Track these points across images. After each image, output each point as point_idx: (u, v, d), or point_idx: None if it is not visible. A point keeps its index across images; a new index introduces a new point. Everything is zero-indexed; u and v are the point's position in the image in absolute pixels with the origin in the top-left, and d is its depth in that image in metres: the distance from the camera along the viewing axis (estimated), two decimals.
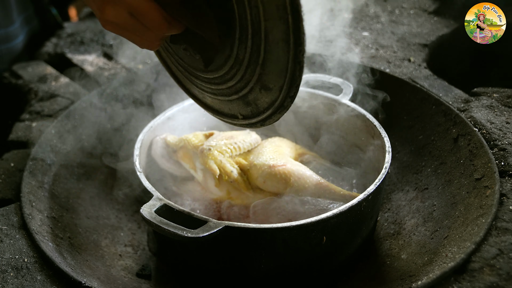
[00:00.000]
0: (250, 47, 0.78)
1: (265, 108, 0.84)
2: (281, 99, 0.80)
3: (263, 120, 0.86)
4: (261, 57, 0.78)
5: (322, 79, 1.36)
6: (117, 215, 1.31)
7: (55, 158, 1.29)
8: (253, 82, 0.82)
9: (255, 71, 0.80)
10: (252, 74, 0.81)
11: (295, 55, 0.73)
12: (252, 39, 0.77)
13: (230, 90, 0.87)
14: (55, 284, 0.93)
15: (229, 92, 0.88)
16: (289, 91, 0.78)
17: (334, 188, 1.10)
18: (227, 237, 0.91)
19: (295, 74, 0.75)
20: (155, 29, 0.80)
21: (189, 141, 1.19)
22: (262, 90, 0.82)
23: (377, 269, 1.12)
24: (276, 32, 0.73)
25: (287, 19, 0.69)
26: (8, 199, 1.14)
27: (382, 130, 1.15)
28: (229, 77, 0.85)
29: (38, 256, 0.99)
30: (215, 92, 0.92)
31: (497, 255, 0.90)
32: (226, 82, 0.87)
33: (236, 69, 0.83)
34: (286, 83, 0.77)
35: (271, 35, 0.74)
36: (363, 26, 1.86)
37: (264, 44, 0.76)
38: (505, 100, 1.32)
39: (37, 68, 1.62)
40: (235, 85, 0.85)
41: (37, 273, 0.95)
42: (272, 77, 0.79)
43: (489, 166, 1.09)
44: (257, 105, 0.85)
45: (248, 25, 0.75)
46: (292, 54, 0.73)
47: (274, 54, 0.76)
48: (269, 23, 0.72)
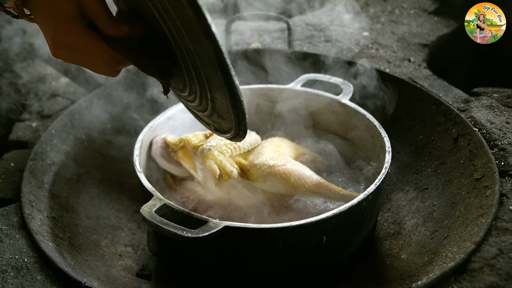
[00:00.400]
0: (197, 84, 0.83)
1: (227, 131, 0.89)
2: (235, 129, 0.85)
3: (231, 139, 0.91)
4: (209, 94, 0.82)
5: (322, 79, 1.36)
6: (117, 215, 1.31)
7: (55, 158, 1.29)
8: (210, 110, 0.87)
9: (208, 103, 0.85)
10: (207, 105, 0.86)
11: (233, 103, 0.77)
12: (197, 79, 0.81)
13: (198, 108, 0.92)
14: (55, 284, 0.93)
15: (198, 109, 0.93)
16: (239, 126, 0.83)
17: (334, 188, 1.10)
18: (227, 237, 0.91)
19: (239, 116, 0.80)
20: (104, 66, 0.85)
21: (189, 141, 1.19)
22: (219, 118, 0.87)
23: (377, 269, 1.12)
24: (214, 79, 0.76)
25: (218, 72, 0.73)
26: (8, 199, 1.14)
27: (382, 130, 1.15)
28: (192, 99, 0.90)
29: (38, 256, 0.99)
30: (192, 107, 0.97)
31: (497, 255, 0.90)
32: (193, 102, 0.92)
33: (194, 96, 0.88)
34: (234, 120, 0.82)
35: (211, 81, 0.78)
36: (363, 26, 1.86)
37: (207, 85, 0.80)
38: (505, 100, 1.32)
39: (37, 68, 1.62)
40: (199, 106, 0.90)
41: (37, 273, 0.95)
42: (223, 111, 0.84)
43: (489, 166, 1.09)
44: (220, 126, 0.91)
45: (190, 68, 0.80)
46: (231, 102, 0.77)
47: (218, 95, 0.80)
48: (206, 70, 0.76)
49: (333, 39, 1.76)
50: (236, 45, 1.73)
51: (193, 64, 0.78)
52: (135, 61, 0.83)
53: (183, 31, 0.73)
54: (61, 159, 1.30)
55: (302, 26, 1.89)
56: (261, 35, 1.82)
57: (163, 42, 0.81)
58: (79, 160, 1.34)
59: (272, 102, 1.37)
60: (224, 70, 0.72)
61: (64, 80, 1.57)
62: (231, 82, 0.74)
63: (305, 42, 1.76)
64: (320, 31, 1.84)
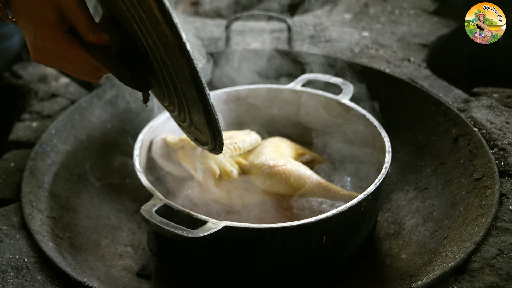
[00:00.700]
0: (175, 97, 0.83)
1: (205, 143, 0.91)
2: (211, 144, 0.87)
3: (210, 151, 0.93)
4: (186, 108, 0.83)
5: (322, 79, 1.36)
6: (117, 215, 1.31)
7: (55, 158, 1.29)
8: (188, 122, 0.89)
9: (186, 116, 0.87)
10: (185, 117, 0.88)
11: (208, 121, 0.79)
12: (175, 92, 0.82)
13: (178, 119, 0.93)
14: (55, 284, 0.93)
15: (179, 119, 0.94)
16: (215, 142, 0.85)
17: (334, 188, 1.10)
18: (227, 237, 0.91)
19: (214, 133, 0.82)
20: (84, 73, 0.86)
21: (189, 141, 1.19)
22: (198, 131, 0.89)
23: (377, 269, 1.12)
24: (189, 95, 0.77)
25: (193, 89, 0.74)
26: (8, 199, 1.14)
27: (382, 130, 1.15)
28: (172, 109, 0.91)
29: (38, 256, 0.99)
30: (173, 116, 0.97)
31: (497, 255, 0.90)
32: (173, 112, 0.93)
33: (173, 107, 0.89)
34: (210, 137, 0.84)
35: (187, 96, 0.79)
36: (363, 26, 1.86)
37: (185, 99, 0.81)
38: (505, 100, 1.32)
39: (37, 68, 1.62)
40: (179, 117, 0.91)
41: (37, 273, 0.95)
42: (200, 125, 0.85)
43: (489, 166, 1.09)
44: (199, 138, 0.92)
45: (168, 81, 0.80)
46: (206, 119, 0.78)
47: (194, 111, 0.81)
48: (183, 86, 0.77)
49: (333, 39, 1.76)
50: (236, 45, 1.73)
51: (170, 78, 0.78)
52: (112, 70, 0.83)
53: (160, 45, 0.73)
54: (61, 159, 1.30)
55: (302, 26, 1.89)
56: (261, 35, 1.82)
57: (141, 53, 0.81)
58: (79, 160, 1.34)
59: (272, 102, 1.37)
60: (198, 88, 0.73)
61: (64, 80, 1.57)
62: (206, 101, 0.75)
63: (305, 42, 1.76)
64: (320, 31, 1.84)
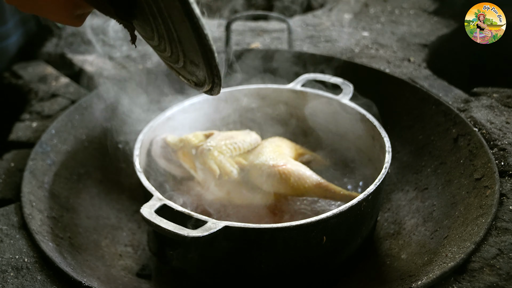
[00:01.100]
0: (162, 24, 0.76)
1: (204, 81, 0.81)
2: (209, 75, 0.77)
3: (210, 91, 0.83)
4: (175, 34, 0.76)
5: (322, 79, 1.36)
6: (117, 215, 1.31)
7: (55, 158, 1.29)
8: (182, 56, 0.80)
9: (177, 46, 0.78)
10: (177, 49, 0.79)
11: (198, 39, 0.70)
12: (160, 17, 0.75)
13: (172, 59, 0.85)
14: (55, 284, 0.93)
15: (172, 60, 0.86)
16: (211, 70, 0.75)
17: (334, 188, 1.10)
18: (227, 237, 0.91)
19: (207, 55, 0.72)
20: (61, 11, 0.79)
21: (189, 141, 1.19)
22: (193, 64, 0.80)
23: (377, 269, 1.12)
24: (175, 12, 0.70)
25: (186, 20, 0.67)
26: (8, 199, 1.14)
27: (382, 130, 1.15)
28: (163, 48, 0.83)
29: (38, 256, 0.99)
30: (166, 59, 0.89)
31: (497, 255, 0.90)
32: (164, 52, 0.85)
33: (164, 42, 0.81)
34: (204, 63, 0.75)
35: (173, 15, 0.72)
36: (363, 26, 1.86)
37: (172, 23, 0.74)
38: (505, 100, 1.32)
39: (37, 68, 1.62)
40: (171, 56, 0.83)
41: (37, 273, 0.95)
42: (193, 54, 0.76)
43: (489, 166, 1.09)
44: (197, 76, 0.83)
45: (152, 5, 0.73)
46: (195, 38, 0.70)
47: (183, 33, 0.74)
48: (165, 2, 0.70)
49: (333, 39, 1.76)
50: (236, 45, 1.73)
51: (158, 9, 0.72)
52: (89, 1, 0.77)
53: None
54: (61, 159, 1.30)
55: (302, 26, 1.89)
56: (261, 35, 1.82)
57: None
58: (79, 160, 1.34)
59: (272, 102, 1.37)
60: (191, 18, 0.66)
61: (64, 80, 1.57)
62: (191, 11, 0.66)
63: (305, 42, 1.76)
64: (320, 31, 1.84)
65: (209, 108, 1.34)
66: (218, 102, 1.35)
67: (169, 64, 0.91)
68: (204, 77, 0.80)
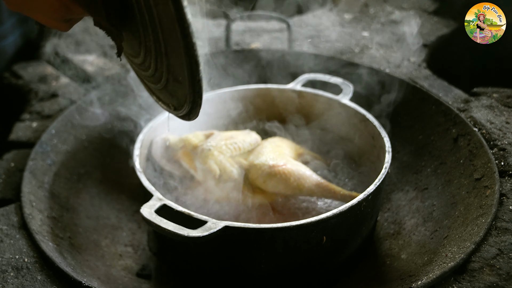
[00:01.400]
0: (151, 35, 0.75)
1: (184, 102, 0.80)
2: (190, 93, 0.76)
3: (189, 113, 0.81)
4: (163, 46, 0.75)
5: (322, 79, 1.36)
6: (117, 215, 1.31)
7: (55, 158, 1.29)
8: (166, 72, 0.79)
9: (162, 61, 0.77)
10: (162, 64, 0.78)
11: (186, 48, 0.69)
12: (151, 26, 0.74)
13: (154, 79, 0.84)
14: (55, 284, 0.93)
15: (154, 80, 0.84)
16: (194, 87, 0.74)
17: (334, 188, 1.10)
18: (227, 237, 0.91)
19: (192, 68, 0.71)
20: (51, 13, 0.78)
21: (189, 141, 1.19)
22: (175, 82, 0.78)
23: (377, 269, 1.12)
24: (166, 19, 0.69)
25: (169, 5, 0.66)
26: (8, 199, 1.14)
27: (382, 130, 1.15)
28: (147, 65, 0.82)
29: (38, 256, 0.99)
30: (147, 79, 0.88)
31: (497, 255, 0.90)
32: (148, 70, 0.84)
33: (149, 58, 0.80)
34: (188, 77, 0.73)
35: (164, 23, 0.71)
36: (363, 26, 1.86)
37: (161, 32, 0.73)
38: (505, 100, 1.32)
39: (37, 68, 1.62)
40: (155, 75, 0.82)
41: (37, 273, 0.95)
42: (177, 68, 0.75)
43: (489, 166, 1.09)
44: (178, 97, 0.81)
45: (143, 10, 0.73)
46: (183, 46, 0.69)
47: (172, 45, 0.72)
48: (159, 8, 0.69)
49: (333, 39, 1.76)
50: (236, 45, 1.73)
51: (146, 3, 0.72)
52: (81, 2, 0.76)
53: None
54: (61, 159, 1.30)
55: (302, 26, 1.89)
56: (261, 35, 1.82)
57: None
58: (79, 160, 1.34)
59: (272, 102, 1.37)
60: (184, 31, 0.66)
61: (64, 80, 1.57)
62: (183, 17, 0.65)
63: (305, 42, 1.76)
64: (320, 31, 1.84)
65: (209, 108, 1.34)
66: (218, 102, 1.35)
67: (149, 87, 0.90)
68: (185, 96, 0.78)
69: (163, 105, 0.89)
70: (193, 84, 0.74)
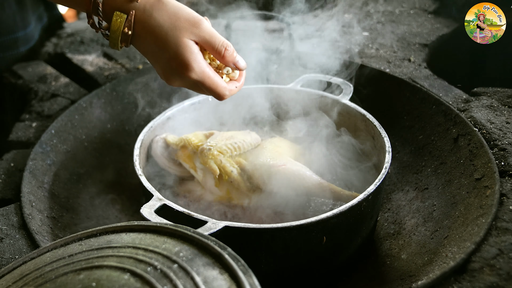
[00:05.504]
0: None
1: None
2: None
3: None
4: None
5: (322, 79, 1.36)
6: (117, 215, 1.31)
7: (55, 158, 1.29)
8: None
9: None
10: None
11: None
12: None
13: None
14: None
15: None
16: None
17: (334, 188, 1.10)
18: (227, 237, 0.90)
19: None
20: (219, 96, 0.94)
21: (189, 141, 1.19)
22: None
23: (377, 269, 1.12)
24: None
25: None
26: (8, 199, 1.14)
27: (382, 130, 1.15)
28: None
29: None
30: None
31: (497, 255, 0.90)
32: None
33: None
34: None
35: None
36: (363, 26, 1.86)
37: None
38: (505, 100, 1.32)
39: (37, 68, 1.62)
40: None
41: None
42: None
43: (489, 166, 1.09)
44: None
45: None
46: None
47: None
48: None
49: (333, 39, 1.76)
50: (236, 45, 1.73)
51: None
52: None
53: None
54: (61, 159, 1.30)
55: (302, 26, 1.89)
56: (261, 35, 1.82)
57: None
58: (79, 160, 1.34)
59: (272, 102, 1.37)
60: None
61: (64, 80, 1.57)
62: None
63: (305, 42, 1.76)
64: (320, 31, 1.84)
65: (209, 108, 1.34)
66: (218, 102, 1.35)
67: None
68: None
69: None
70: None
